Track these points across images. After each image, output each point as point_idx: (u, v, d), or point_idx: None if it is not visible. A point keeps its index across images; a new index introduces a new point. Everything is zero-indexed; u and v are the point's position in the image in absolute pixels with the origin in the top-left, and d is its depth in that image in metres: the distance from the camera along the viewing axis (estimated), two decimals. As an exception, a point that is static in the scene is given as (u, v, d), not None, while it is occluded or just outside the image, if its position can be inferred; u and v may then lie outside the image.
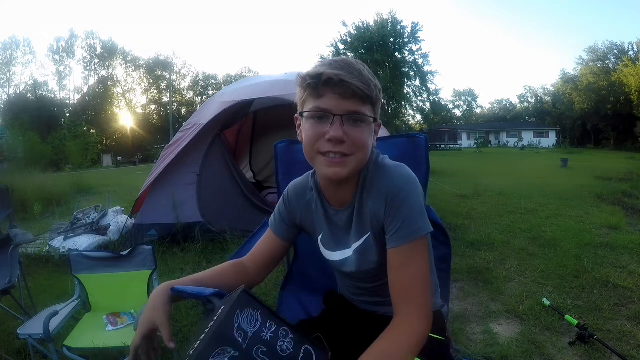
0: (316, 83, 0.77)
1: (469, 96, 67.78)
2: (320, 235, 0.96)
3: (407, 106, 30.74)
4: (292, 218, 0.99)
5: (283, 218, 1.00)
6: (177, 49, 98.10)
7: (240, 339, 0.60)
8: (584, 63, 38.21)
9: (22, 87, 41.10)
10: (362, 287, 0.96)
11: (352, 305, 1.01)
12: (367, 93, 0.77)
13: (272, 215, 1.02)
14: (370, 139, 0.82)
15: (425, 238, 0.80)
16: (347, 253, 0.92)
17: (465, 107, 68.15)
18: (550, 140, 42.30)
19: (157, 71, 46.85)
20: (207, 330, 0.61)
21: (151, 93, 48.04)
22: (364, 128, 0.79)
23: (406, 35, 28.52)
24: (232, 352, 0.59)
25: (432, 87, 30.23)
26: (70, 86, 45.44)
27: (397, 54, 28.56)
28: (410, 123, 34.45)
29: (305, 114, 0.81)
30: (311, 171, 0.98)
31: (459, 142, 39.80)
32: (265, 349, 0.61)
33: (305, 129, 0.82)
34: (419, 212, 0.80)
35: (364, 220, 0.87)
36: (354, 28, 28.68)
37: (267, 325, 0.64)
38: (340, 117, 0.76)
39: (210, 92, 45.43)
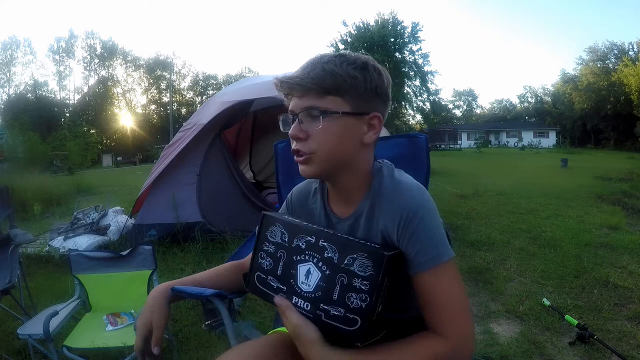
0: (280, 91, 0.80)
1: (469, 96, 67.83)
2: None
3: (407, 106, 30.70)
4: None
5: None
6: (177, 49, 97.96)
7: (346, 262, 0.71)
8: (584, 63, 38.22)
9: (22, 87, 41.10)
10: None
11: None
12: (316, 86, 0.73)
13: None
14: (344, 134, 0.76)
15: (448, 263, 0.74)
16: None
17: (465, 107, 68.22)
18: (550, 140, 42.30)
19: (157, 71, 46.80)
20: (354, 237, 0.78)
21: (151, 93, 48.03)
22: (327, 122, 0.74)
23: (406, 35, 28.51)
24: (335, 256, 0.72)
25: (432, 87, 30.18)
26: (70, 86, 45.33)
27: (397, 53, 28.53)
28: (410, 123, 34.39)
29: None
30: None
31: (459, 142, 39.77)
32: (344, 282, 0.71)
33: None
34: (435, 238, 0.74)
35: (373, 232, 0.81)
36: (354, 28, 28.69)
37: (365, 282, 0.71)
38: (296, 115, 0.77)
39: (210, 92, 45.40)
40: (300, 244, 0.75)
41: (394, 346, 0.72)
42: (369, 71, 0.76)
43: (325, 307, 0.70)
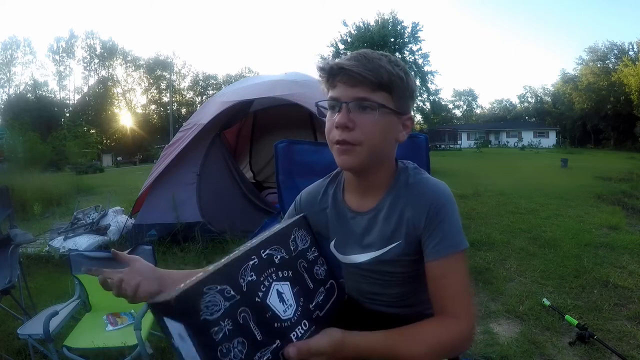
0: (327, 75, 0.79)
1: (469, 96, 67.77)
2: (333, 241, 0.95)
3: (407, 106, 30.74)
4: None
5: None
6: (177, 49, 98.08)
7: (292, 247, 0.72)
8: (584, 63, 38.20)
9: (22, 87, 41.20)
10: (373, 291, 0.94)
11: (357, 303, 1.01)
12: (373, 79, 0.76)
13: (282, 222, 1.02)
14: (388, 130, 0.80)
15: (463, 253, 0.81)
16: (364, 258, 0.90)
17: (465, 107, 68.15)
18: (550, 140, 42.28)
19: (157, 71, 46.85)
20: (273, 229, 0.73)
21: (151, 93, 48.09)
22: (375, 116, 0.77)
23: (406, 35, 28.57)
24: (284, 254, 0.70)
25: (432, 87, 30.25)
26: (70, 86, 45.44)
27: (397, 53, 28.56)
28: (410, 123, 34.40)
29: (326, 105, 0.83)
30: (328, 175, 0.98)
31: (459, 142, 39.75)
32: (306, 265, 0.72)
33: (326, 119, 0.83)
34: (458, 228, 0.81)
35: (396, 226, 0.85)
36: (355, 28, 28.74)
37: (312, 249, 0.75)
38: (347, 104, 0.77)
39: (210, 92, 45.41)
40: (250, 278, 0.61)
41: (418, 326, 0.77)
42: (410, 76, 0.82)
43: (312, 304, 0.69)
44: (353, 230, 0.90)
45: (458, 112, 67.20)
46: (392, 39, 28.17)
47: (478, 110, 69.10)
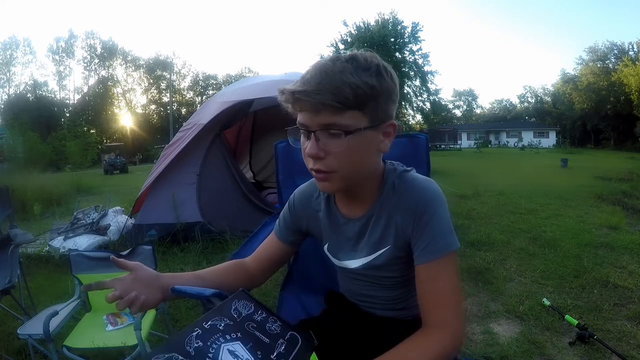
0: (286, 100, 0.72)
1: (469, 96, 67.80)
2: (327, 245, 0.95)
3: (407, 106, 30.72)
4: (298, 225, 0.97)
5: (287, 224, 0.98)
6: (177, 49, 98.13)
7: (235, 315, 0.69)
8: (584, 63, 38.21)
9: (22, 87, 41.16)
10: (368, 294, 0.95)
11: (354, 306, 1.01)
12: (338, 103, 0.67)
13: (277, 221, 1.00)
14: (364, 149, 0.74)
15: (454, 253, 0.78)
16: (356, 264, 0.89)
17: (465, 107, 68.17)
18: (550, 140, 42.29)
19: (157, 71, 46.84)
20: (209, 311, 0.71)
21: (151, 93, 48.08)
22: (347, 140, 0.70)
23: (406, 35, 28.55)
24: (227, 320, 0.67)
25: (432, 87, 30.19)
26: (70, 86, 45.43)
27: (397, 53, 28.56)
28: (410, 123, 34.40)
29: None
30: None
31: (459, 142, 39.78)
32: (255, 325, 0.70)
33: None
34: (447, 228, 0.78)
35: (384, 232, 0.83)
36: (355, 28, 28.72)
37: (259, 312, 0.73)
38: (314, 132, 0.71)
39: (210, 92, 45.41)
40: (197, 344, 0.62)
41: (402, 348, 0.73)
42: (384, 77, 0.73)
43: (274, 354, 0.66)
44: (345, 235, 0.90)
45: (458, 112, 67.28)
46: (392, 39, 28.15)
47: (478, 110, 69.19)
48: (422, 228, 0.77)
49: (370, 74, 0.70)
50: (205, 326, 0.64)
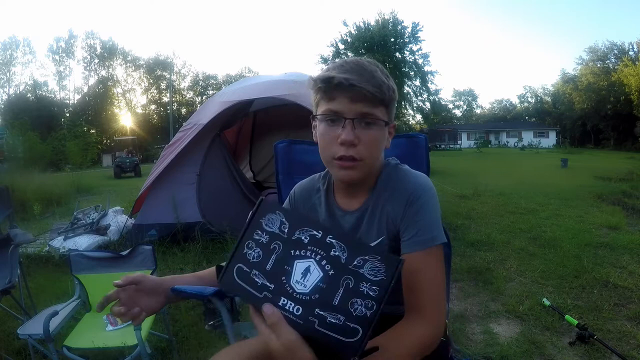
0: (327, 86, 0.77)
1: (469, 96, 67.79)
2: None
3: (407, 106, 30.78)
4: None
5: None
6: (177, 49, 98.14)
7: (345, 261, 0.64)
8: (584, 63, 38.26)
9: (22, 87, 41.13)
10: None
11: None
12: (378, 96, 0.77)
13: None
14: (383, 141, 0.83)
15: (439, 247, 0.80)
16: None
17: (465, 107, 68.17)
18: (550, 140, 42.29)
19: (157, 71, 46.81)
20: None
21: (151, 93, 48.01)
22: (376, 131, 0.79)
23: (406, 35, 28.58)
24: (341, 253, 0.63)
25: (432, 87, 30.29)
26: (70, 86, 45.40)
27: (397, 53, 28.61)
28: (410, 123, 34.43)
29: (318, 117, 0.82)
30: (319, 173, 0.98)
31: (459, 142, 39.75)
32: (352, 278, 0.63)
33: (319, 132, 0.82)
34: (435, 221, 0.81)
35: (379, 223, 0.87)
36: (355, 28, 28.75)
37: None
38: (352, 120, 0.77)
39: (210, 92, 45.38)
40: (303, 238, 0.65)
41: (380, 340, 0.72)
42: (392, 81, 0.82)
43: (321, 312, 0.61)
44: (343, 228, 0.92)
45: (458, 112, 67.30)
46: (392, 39, 28.19)
47: (478, 110, 69.21)
48: (410, 217, 0.81)
49: (391, 79, 0.81)
50: (327, 241, 0.64)
